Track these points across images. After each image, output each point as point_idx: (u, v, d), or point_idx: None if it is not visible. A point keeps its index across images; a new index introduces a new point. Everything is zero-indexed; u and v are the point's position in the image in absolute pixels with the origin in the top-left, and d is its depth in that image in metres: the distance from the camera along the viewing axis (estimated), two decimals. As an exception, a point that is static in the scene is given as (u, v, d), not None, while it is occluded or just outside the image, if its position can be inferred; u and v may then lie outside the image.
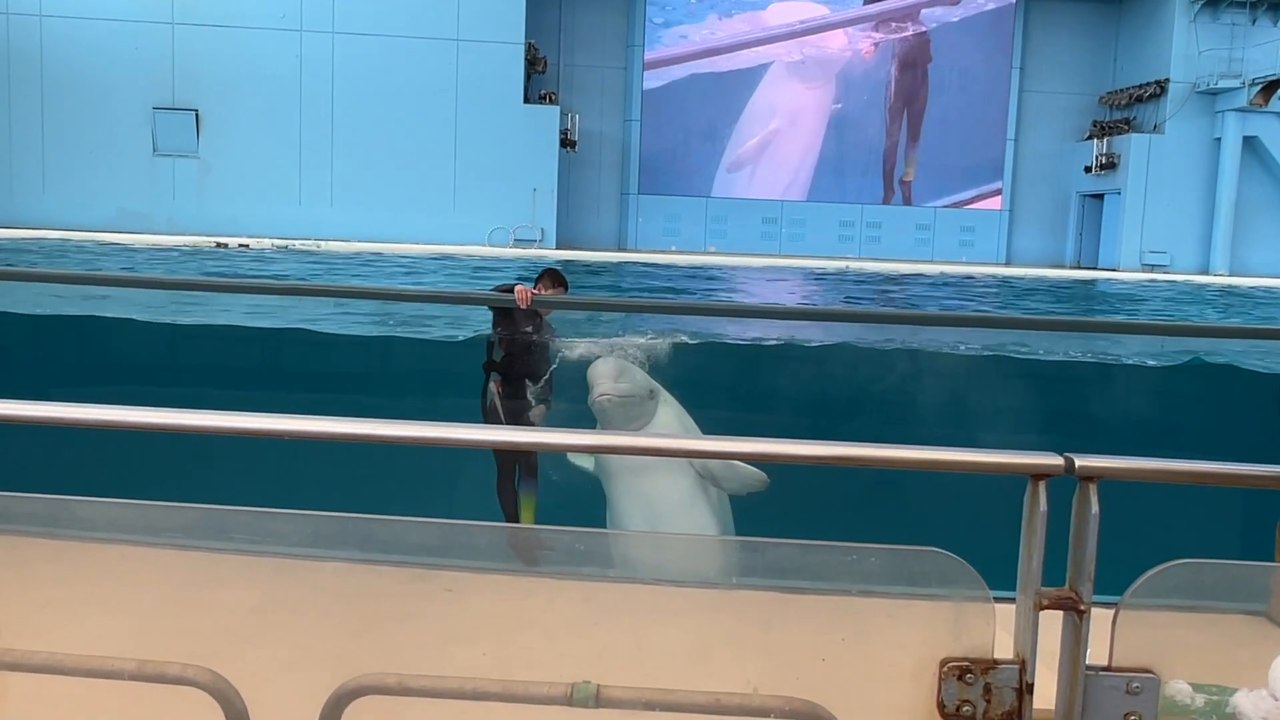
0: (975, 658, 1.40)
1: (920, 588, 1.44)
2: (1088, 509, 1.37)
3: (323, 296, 7.85)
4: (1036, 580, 1.38)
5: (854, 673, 1.50)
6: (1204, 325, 8.36)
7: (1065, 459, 1.41)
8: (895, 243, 32.93)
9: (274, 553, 2.42)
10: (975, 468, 1.42)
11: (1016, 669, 1.40)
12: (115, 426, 1.91)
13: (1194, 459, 1.39)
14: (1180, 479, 1.44)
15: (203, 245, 23.73)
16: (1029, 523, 1.40)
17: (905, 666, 1.44)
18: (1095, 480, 1.38)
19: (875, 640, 1.51)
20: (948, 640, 1.42)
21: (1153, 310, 17.99)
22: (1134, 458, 1.43)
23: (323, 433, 1.83)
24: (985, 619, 1.41)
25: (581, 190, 31.88)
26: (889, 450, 1.44)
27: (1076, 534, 1.39)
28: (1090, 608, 1.38)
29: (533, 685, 2.26)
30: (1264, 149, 30.10)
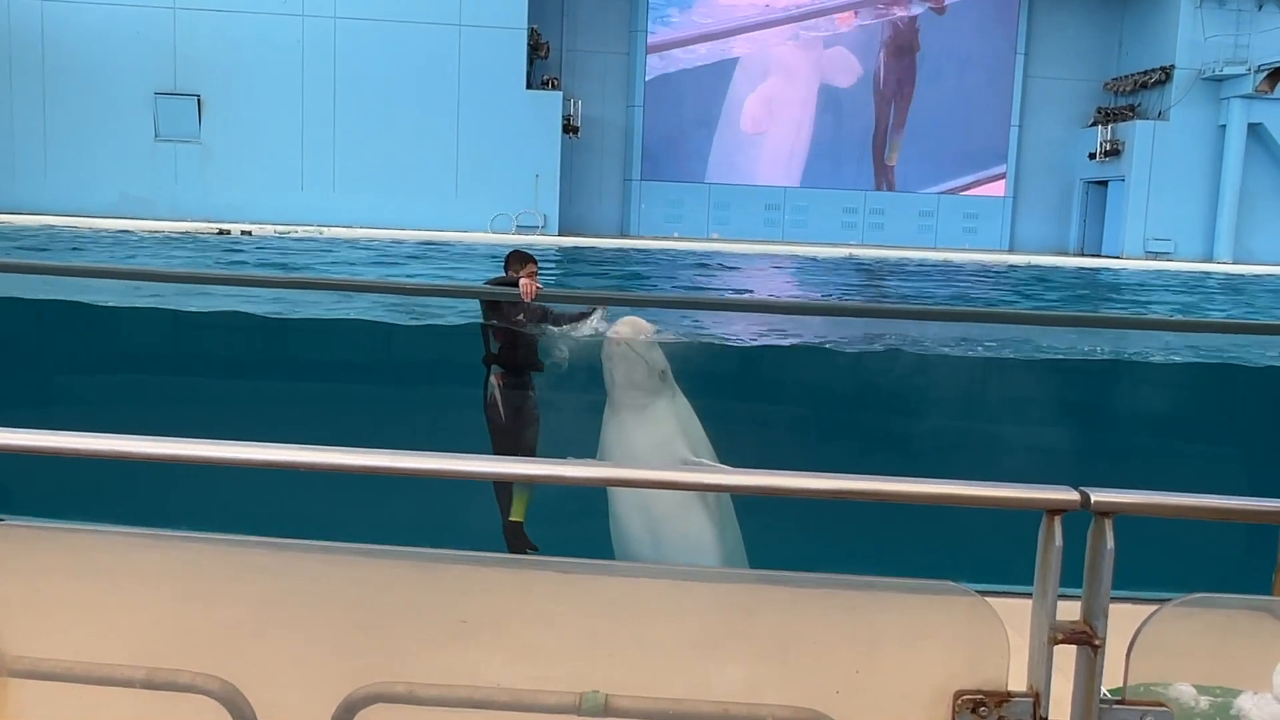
0: (989, 690, 1.41)
1: (934, 619, 1.44)
2: (1103, 544, 1.37)
3: (318, 290, 7.83)
4: (1051, 615, 1.38)
5: (867, 702, 1.51)
6: (1220, 321, 8.35)
7: (1081, 494, 1.40)
8: (898, 229, 32.85)
9: (282, 545, 2.42)
10: (989, 502, 1.42)
11: (1030, 702, 1.41)
12: (102, 456, 1.91)
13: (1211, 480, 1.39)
14: (1198, 515, 1.44)
15: (205, 231, 23.71)
16: (1043, 558, 1.40)
17: (919, 698, 1.44)
18: (1111, 515, 1.38)
19: (889, 670, 1.51)
20: (962, 672, 1.42)
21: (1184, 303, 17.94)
22: (1150, 492, 1.43)
23: (318, 464, 1.83)
24: (999, 651, 1.41)
25: (584, 176, 31.80)
26: (899, 484, 1.44)
27: (1091, 569, 1.39)
28: (1104, 642, 1.39)
29: (541, 694, 2.27)
30: (1269, 136, 29.98)
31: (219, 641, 2.28)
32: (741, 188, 32.90)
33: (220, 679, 2.26)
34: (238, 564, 2.42)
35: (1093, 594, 1.38)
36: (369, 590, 2.34)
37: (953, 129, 33.17)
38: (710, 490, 4.90)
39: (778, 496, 1.48)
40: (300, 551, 2.32)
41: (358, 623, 2.29)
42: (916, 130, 33.23)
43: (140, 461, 2.18)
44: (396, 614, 2.38)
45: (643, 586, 2.15)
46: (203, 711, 2.28)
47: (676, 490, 4.55)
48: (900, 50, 33.11)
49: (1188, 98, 30.34)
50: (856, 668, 1.49)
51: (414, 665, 2.26)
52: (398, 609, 2.34)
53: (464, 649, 2.32)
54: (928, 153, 33.24)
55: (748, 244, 29.26)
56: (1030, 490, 1.42)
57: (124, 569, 2.34)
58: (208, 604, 2.34)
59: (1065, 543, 1.39)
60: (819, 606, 1.52)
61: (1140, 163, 30.58)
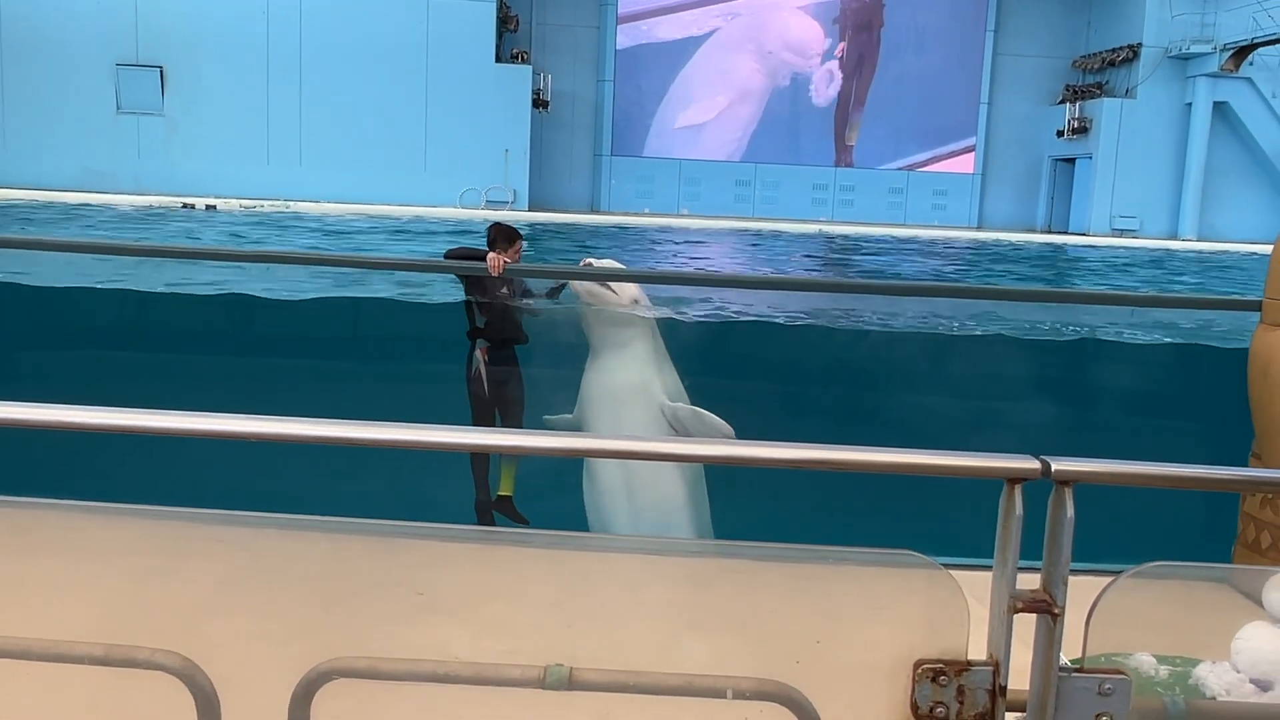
0: (949, 659, 1.41)
1: (895, 589, 1.44)
2: (1063, 513, 1.38)
3: (285, 264, 7.75)
4: (1011, 583, 1.38)
5: (828, 673, 1.51)
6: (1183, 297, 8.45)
7: (1041, 462, 1.40)
8: (868, 206, 32.97)
9: (243, 521, 2.39)
10: (950, 471, 1.42)
11: (990, 671, 1.41)
12: (63, 427, 1.87)
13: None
14: (1157, 483, 1.45)
15: (169, 206, 23.38)
16: (1004, 526, 1.40)
17: (880, 667, 1.44)
18: (1071, 484, 1.38)
19: (850, 640, 1.51)
20: (922, 642, 1.42)
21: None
22: (1111, 461, 1.43)
23: (296, 435, 1.80)
24: (960, 621, 1.42)
25: (554, 151, 31.61)
26: (862, 453, 1.43)
27: (1051, 538, 1.39)
28: (1064, 611, 1.39)
29: (505, 668, 2.26)
30: (1234, 115, 30.27)
31: (178, 617, 2.25)
32: (712, 164, 32.86)
33: (179, 655, 2.24)
34: (197, 539, 2.39)
35: (1052, 563, 1.38)
36: (331, 565, 2.32)
37: (922, 105, 33.25)
38: (676, 460, 4.90)
39: (741, 466, 1.47)
40: (261, 526, 2.29)
41: (320, 597, 2.28)
42: (885, 106, 33.29)
43: (98, 434, 2.14)
44: (359, 588, 2.36)
45: (607, 560, 2.15)
46: (162, 688, 2.25)
47: (648, 460, 4.56)
48: (864, 25, 33.10)
49: (1154, 76, 30.56)
50: (818, 638, 1.49)
51: (377, 640, 2.24)
52: (360, 583, 2.32)
53: (427, 623, 2.30)
54: (895, 128, 33.32)
55: (718, 220, 29.24)
56: (991, 459, 1.42)
57: (79, 544, 2.31)
58: (166, 579, 2.31)
59: (1026, 512, 1.40)
60: (781, 577, 1.51)
61: (1107, 140, 30.80)
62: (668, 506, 5.85)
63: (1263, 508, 5.20)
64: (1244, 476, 1.44)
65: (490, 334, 6.27)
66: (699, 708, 1.84)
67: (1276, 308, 5.22)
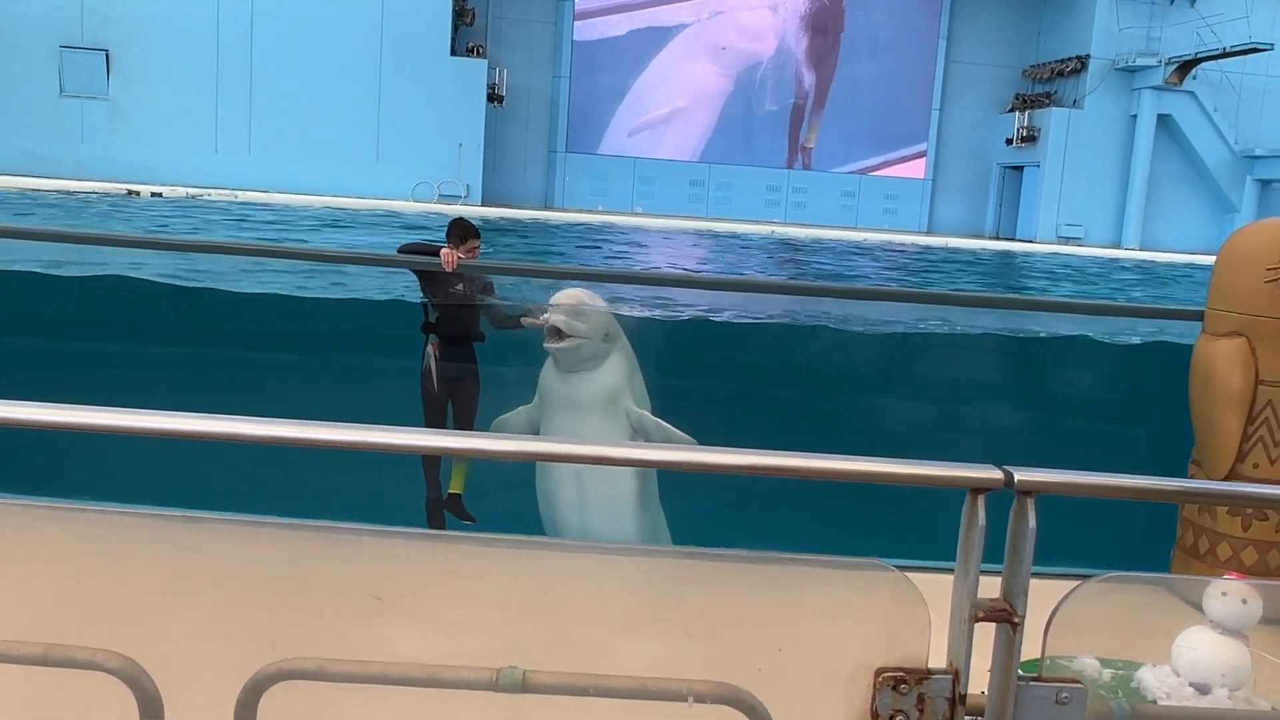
0: (910, 667, 1.41)
1: (857, 596, 1.44)
2: (1025, 523, 1.39)
3: (231, 255, 7.59)
4: (973, 593, 1.39)
5: (789, 680, 1.50)
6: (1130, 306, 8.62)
7: (1005, 472, 1.41)
8: (821, 208, 33.22)
9: (188, 520, 2.34)
10: (913, 480, 1.42)
11: (950, 679, 1.42)
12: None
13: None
14: (1119, 494, 1.46)
15: (113, 192, 22.88)
16: (966, 536, 1.41)
17: (840, 675, 1.44)
18: (1033, 495, 1.40)
19: (811, 647, 1.51)
20: (883, 649, 1.42)
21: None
22: (1073, 472, 1.45)
23: (252, 436, 1.75)
24: (920, 629, 1.42)
25: (508, 146, 31.45)
26: (824, 461, 1.43)
27: (1012, 547, 1.40)
28: (1024, 620, 1.40)
29: (459, 670, 2.23)
30: (1177, 127, 30.93)
31: (120, 617, 2.19)
32: (666, 163, 32.90)
33: (121, 655, 2.18)
34: (140, 537, 2.33)
35: (1013, 572, 1.39)
36: (279, 565, 2.27)
37: (875, 109, 33.57)
38: (635, 465, 4.87)
39: (701, 472, 1.46)
40: (206, 524, 2.24)
41: (267, 598, 2.23)
42: (839, 110, 33.57)
43: (38, 430, 2.07)
44: (308, 589, 2.32)
45: (563, 562, 2.13)
46: (104, 689, 2.20)
47: (606, 465, 4.53)
48: (823, 28, 33.35)
49: (1101, 87, 31.13)
50: (779, 645, 1.49)
51: (326, 641, 2.20)
52: (310, 584, 2.28)
53: (378, 625, 2.27)
54: (849, 132, 33.61)
55: (672, 219, 29.28)
56: (954, 469, 1.43)
57: (18, 542, 2.24)
58: (108, 578, 2.25)
59: (988, 522, 1.41)
60: (742, 584, 1.51)
61: (1055, 149, 31.33)
62: (617, 501, 5.82)
63: (1201, 514, 5.32)
64: (1211, 490, 1.46)
65: (443, 330, 6.17)
66: (654, 711, 1.83)
67: (1218, 318, 5.34)
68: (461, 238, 6.03)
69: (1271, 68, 30.46)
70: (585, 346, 5.72)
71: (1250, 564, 5.17)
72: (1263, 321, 5.15)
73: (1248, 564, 5.17)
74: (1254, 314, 5.18)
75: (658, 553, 3.19)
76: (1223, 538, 5.28)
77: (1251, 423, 5.21)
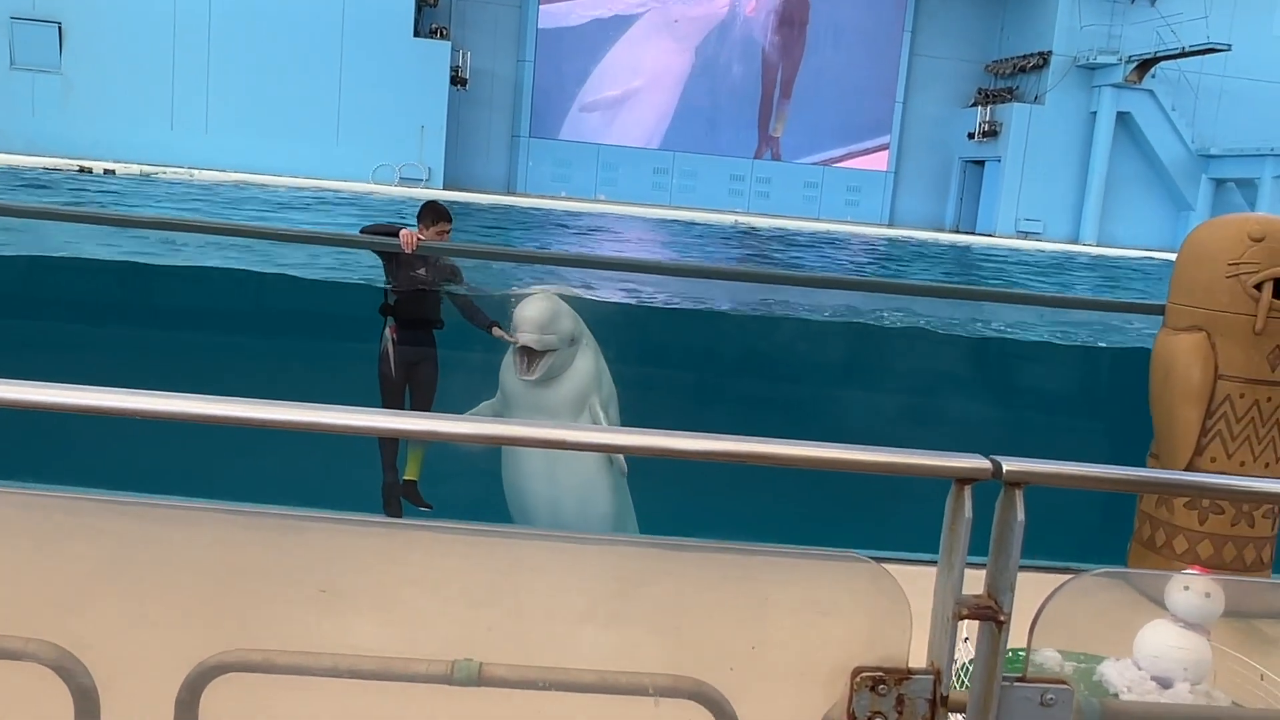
0: (889, 667, 1.35)
1: (835, 591, 1.38)
2: (1013, 515, 1.33)
3: (191, 233, 7.42)
4: (957, 589, 1.33)
5: (763, 679, 1.44)
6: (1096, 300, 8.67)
7: (993, 462, 1.35)
8: (784, 199, 33.29)
9: (129, 504, 2.23)
10: (897, 469, 1.36)
11: (931, 680, 1.36)
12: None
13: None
14: (1112, 486, 1.41)
15: (64, 169, 22.37)
16: (951, 528, 1.35)
17: (816, 675, 1.38)
18: (1022, 486, 1.34)
19: (785, 646, 1.45)
20: (861, 648, 1.36)
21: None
22: (1063, 463, 1.39)
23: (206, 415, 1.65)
24: (901, 627, 1.36)
25: (471, 130, 31.17)
26: (805, 449, 1.37)
27: (999, 541, 1.34)
28: (1009, 618, 1.35)
29: (412, 662, 2.15)
30: (1135, 125, 31.33)
31: (53, 605, 2.08)
32: (630, 150, 32.79)
33: (55, 645, 2.08)
34: (75, 520, 2.21)
35: (999, 567, 1.34)
36: (225, 552, 2.16)
37: (840, 101, 33.68)
38: (602, 450, 4.79)
39: (675, 459, 1.39)
40: (147, 508, 2.13)
41: (211, 587, 2.13)
42: (804, 100, 33.63)
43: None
44: (255, 578, 2.22)
45: (524, 550, 2.04)
46: (36, 680, 2.09)
47: (574, 450, 4.44)
48: (789, 19, 33.37)
49: (1063, 84, 31.45)
50: (752, 643, 1.42)
51: (273, 632, 2.10)
52: (257, 573, 2.18)
53: (329, 616, 2.17)
54: (813, 123, 33.69)
55: (635, 206, 29.18)
56: (940, 458, 1.37)
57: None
58: (39, 564, 2.14)
59: (975, 514, 1.35)
60: (712, 576, 1.44)
61: (1015, 145, 31.62)
62: (589, 495, 5.74)
63: (1158, 507, 5.34)
64: (1205, 483, 1.42)
65: (401, 313, 6.05)
66: (617, 707, 1.77)
67: (1178, 312, 5.36)
68: (433, 220, 5.92)
69: (1228, 68, 30.93)
70: (555, 358, 5.62)
71: (1206, 557, 5.21)
72: (1223, 316, 5.17)
73: (1204, 557, 5.21)
74: (1214, 309, 5.20)
75: (623, 542, 3.12)
76: (1179, 531, 5.32)
77: (1210, 416, 5.24)
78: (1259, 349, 5.08)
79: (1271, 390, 5.09)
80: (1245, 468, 5.21)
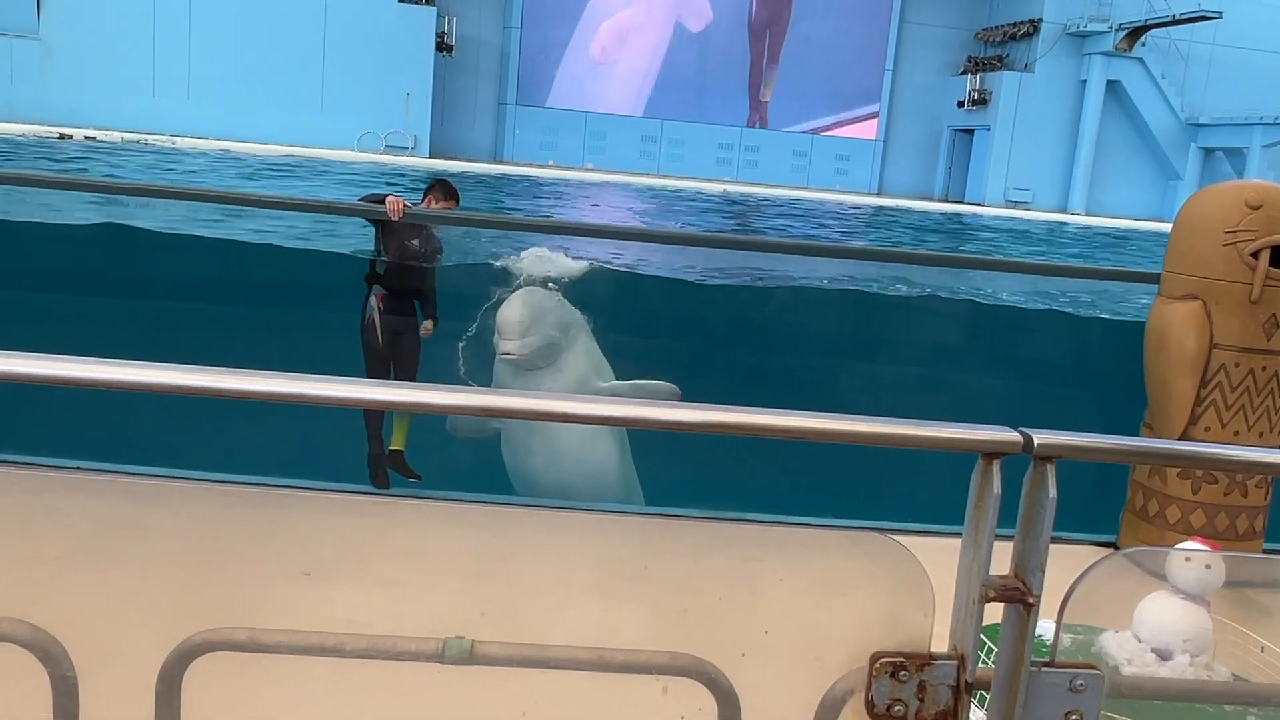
0: (910, 652, 1.29)
1: (854, 572, 1.31)
2: (1044, 491, 1.26)
3: (182, 200, 7.28)
4: (984, 569, 1.26)
5: (777, 666, 1.37)
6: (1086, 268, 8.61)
7: (1023, 435, 1.28)
8: (772, 168, 33.10)
9: (104, 473, 2.14)
10: (921, 443, 1.29)
11: (955, 665, 1.29)
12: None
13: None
14: (1145, 460, 1.34)
15: (44, 136, 22.04)
16: (977, 505, 1.27)
17: (833, 661, 1.31)
18: (1053, 460, 1.27)
19: (801, 630, 1.38)
20: (880, 633, 1.30)
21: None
22: (1098, 435, 1.33)
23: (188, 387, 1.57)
24: (924, 610, 1.29)
25: (457, 97, 30.82)
26: (828, 421, 1.29)
27: (1027, 519, 1.28)
28: (1039, 600, 1.28)
29: (401, 640, 2.09)
30: (1125, 93, 31.21)
31: (28, 584, 2.01)
32: (617, 118, 32.51)
33: (30, 624, 2.00)
34: (50, 496, 2.13)
35: (1028, 547, 1.27)
36: (206, 527, 2.09)
37: (828, 69, 33.42)
38: (602, 423, 4.73)
39: (688, 431, 1.31)
40: (125, 482, 2.05)
41: (193, 563, 2.05)
42: (792, 68, 33.36)
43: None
44: (240, 553, 2.14)
45: (519, 523, 1.97)
46: (12, 662, 2.02)
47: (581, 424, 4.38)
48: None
49: (1053, 52, 31.27)
50: (763, 625, 1.36)
51: (258, 610, 2.03)
52: (240, 548, 2.10)
53: (317, 592, 2.11)
54: (801, 91, 33.44)
55: (624, 175, 28.97)
56: (968, 430, 1.29)
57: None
58: (15, 543, 2.06)
59: (1004, 490, 1.28)
60: (723, 554, 1.37)
61: (1005, 113, 31.48)
62: (599, 475, 5.72)
63: (1151, 476, 5.32)
64: (1235, 457, 1.36)
65: (389, 283, 5.99)
66: (614, 687, 1.71)
67: (1174, 280, 5.31)
68: (441, 196, 5.91)
69: (1219, 36, 30.80)
70: (540, 349, 5.62)
71: (1199, 526, 5.19)
72: (1218, 284, 5.13)
73: (1196, 526, 5.19)
74: (1210, 277, 5.16)
75: (625, 515, 3.05)
76: (1172, 500, 5.30)
77: (1205, 386, 5.21)
78: (1255, 318, 5.04)
79: (1267, 359, 5.06)
80: (1239, 437, 5.19)
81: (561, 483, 5.68)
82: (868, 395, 7.07)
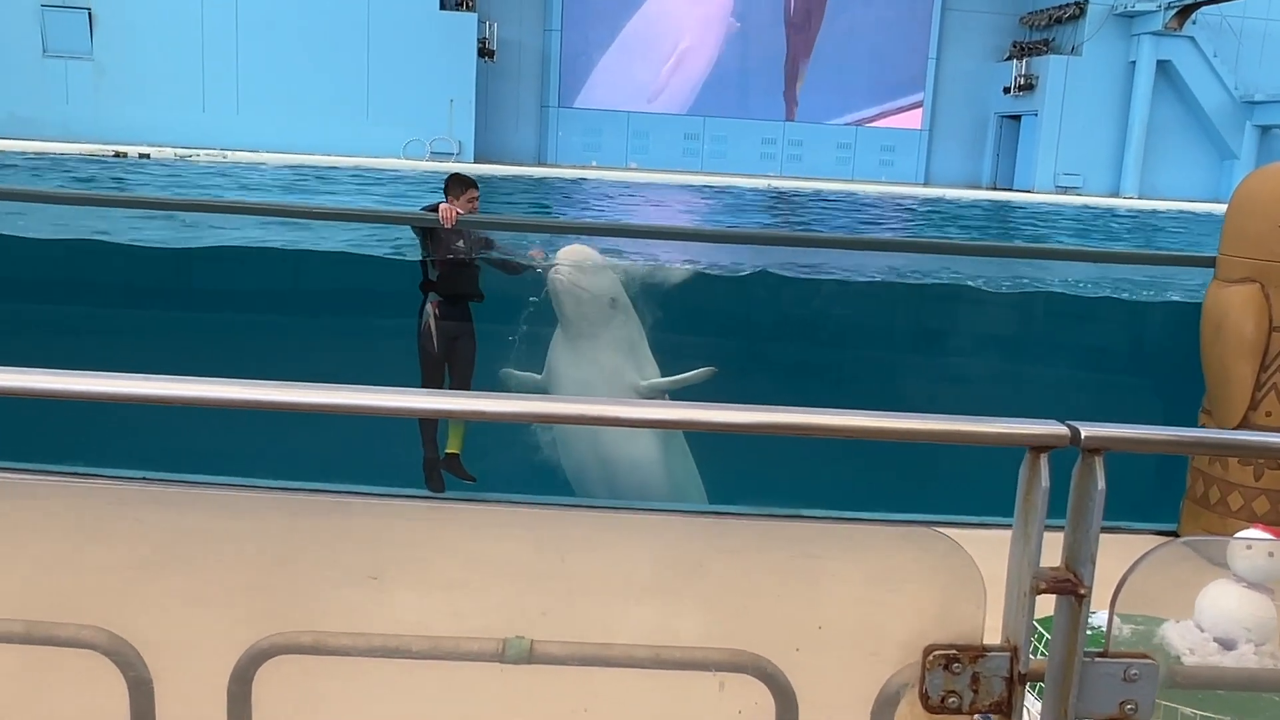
0: (963, 645, 1.30)
1: (906, 566, 1.33)
2: (1092, 484, 1.27)
3: (233, 214, 7.45)
4: (1035, 561, 1.28)
5: (832, 659, 1.39)
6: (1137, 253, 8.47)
7: (1070, 428, 1.29)
8: (817, 161, 32.88)
9: (175, 484, 2.21)
10: (970, 439, 1.30)
11: (1008, 657, 1.31)
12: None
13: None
14: (1195, 450, 1.35)
15: (100, 154, 22.55)
16: (1026, 499, 1.29)
17: (887, 654, 1.33)
18: (1101, 453, 1.28)
19: (855, 624, 1.40)
20: (934, 625, 1.31)
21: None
22: (1145, 427, 1.33)
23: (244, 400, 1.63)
24: (975, 603, 1.31)
25: (500, 102, 31.03)
26: (875, 420, 1.31)
27: (1077, 511, 1.28)
28: (1090, 592, 1.29)
29: (462, 641, 2.13)
30: (1176, 73, 30.57)
31: (105, 592, 2.08)
32: (660, 116, 32.51)
33: (109, 632, 2.07)
34: (124, 508, 2.21)
35: (1078, 539, 1.28)
36: (272, 534, 2.15)
37: (871, 59, 33.13)
38: (647, 425, 4.78)
39: (739, 433, 1.34)
40: (195, 492, 2.12)
41: (260, 569, 2.12)
42: (834, 60, 33.11)
43: (10, 398, 1.94)
44: (305, 558, 2.20)
45: (576, 524, 2.01)
46: (91, 668, 2.09)
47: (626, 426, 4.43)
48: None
49: (1100, 33, 30.71)
50: (818, 620, 1.38)
51: (324, 613, 2.09)
52: (305, 553, 2.16)
53: (379, 595, 2.16)
54: (844, 83, 33.18)
55: (667, 174, 28.97)
56: (1015, 425, 1.30)
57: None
58: (91, 552, 2.14)
59: (1052, 483, 1.29)
60: (776, 549, 1.39)
61: (1053, 98, 30.97)
62: (643, 475, 5.80)
63: (1212, 464, 5.23)
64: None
65: (442, 288, 6.10)
66: (673, 685, 1.73)
67: (1230, 264, 5.22)
68: (462, 189, 5.98)
69: (1272, 10, 30.07)
70: (588, 302, 5.75)
71: (1262, 513, 5.10)
72: (1276, 267, 5.04)
73: (1259, 513, 5.10)
74: (1267, 259, 5.07)
75: (681, 514, 3.07)
76: (1234, 487, 5.21)
77: (1264, 370, 5.12)
78: (1315, 300, 4.95)
79: (1328, 342, 4.96)
80: (1302, 421, 5.09)
81: (622, 483, 5.77)
82: (920, 389, 7.03)
